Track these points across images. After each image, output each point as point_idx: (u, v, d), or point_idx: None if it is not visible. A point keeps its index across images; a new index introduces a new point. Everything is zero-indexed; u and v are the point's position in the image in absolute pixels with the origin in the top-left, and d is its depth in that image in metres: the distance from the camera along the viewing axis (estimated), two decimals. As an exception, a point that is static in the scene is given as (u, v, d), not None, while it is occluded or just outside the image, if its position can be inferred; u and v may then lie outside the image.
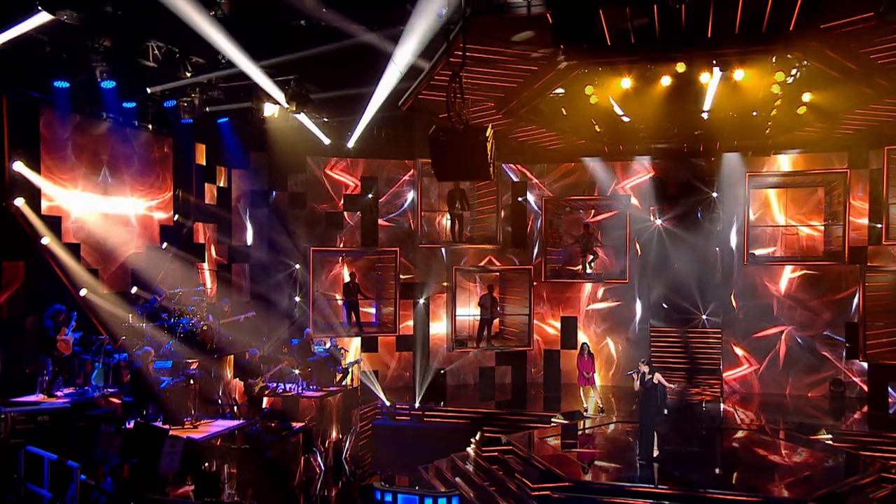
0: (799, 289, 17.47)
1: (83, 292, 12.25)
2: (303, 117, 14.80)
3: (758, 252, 17.61)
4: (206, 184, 15.84)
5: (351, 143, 16.83)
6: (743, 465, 12.22)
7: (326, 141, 16.51)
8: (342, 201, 18.18)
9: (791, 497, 10.38)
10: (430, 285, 18.52)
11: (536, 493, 10.84)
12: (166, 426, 10.22)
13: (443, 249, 18.62)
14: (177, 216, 14.90)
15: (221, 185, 16.45)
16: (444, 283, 18.52)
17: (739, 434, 14.13)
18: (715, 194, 17.66)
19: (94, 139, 13.03)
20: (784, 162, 17.47)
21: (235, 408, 12.32)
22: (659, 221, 18.31)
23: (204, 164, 15.77)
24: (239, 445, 10.76)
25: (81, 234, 12.66)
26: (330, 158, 17.90)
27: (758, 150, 17.18)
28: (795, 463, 12.53)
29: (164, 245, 14.44)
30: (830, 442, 13.34)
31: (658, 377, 11.91)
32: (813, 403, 16.51)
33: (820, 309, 17.27)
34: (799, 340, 17.42)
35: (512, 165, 18.96)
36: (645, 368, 12.00)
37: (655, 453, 11.87)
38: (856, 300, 16.66)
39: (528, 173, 19.16)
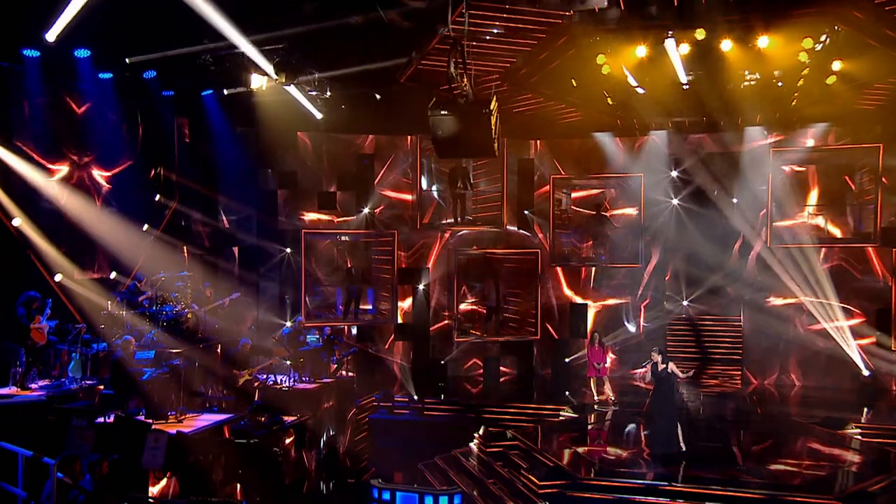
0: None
1: (58, 277, 12.21)
2: (294, 90, 14.67)
3: (782, 233, 17.48)
4: (189, 161, 15.74)
5: (343, 117, 16.70)
6: (767, 462, 12.21)
7: (319, 116, 16.39)
8: (336, 180, 18.06)
9: (818, 496, 10.36)
10: (430, 270, 18.49)
11: (544, 490, 10.84)
12: (149, 420, 10.23)
13: (444, 232, 18.54)
14: (158, 196, 14.82)
15: (206, 163, 16.35)
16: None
17: (763, 428, 14.11)
18: (736, 169, 17.51)
19: (68, 112, 12.92)
20: (811, 136, 17.33)
21: (223, 401, 12.32)
22: (675, 201, 18.23)
23: (188, 140, 15.65)
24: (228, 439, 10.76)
25: (55, 214, 12.59)
26: (323, 134, 17.78)
27: (783, 123, 17.03)
28: (822, 459, 12.51)
29: (146, 227, 14.37)
30: (860, 437, 13.31)
31: (672, 367, 11.87)
32: (841, 396, 16.49)
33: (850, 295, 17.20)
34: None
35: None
36: (658, 357, 11.95)
37: (681, 448, 11.86)
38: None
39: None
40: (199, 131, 15.89)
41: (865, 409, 15.09)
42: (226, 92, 14.70)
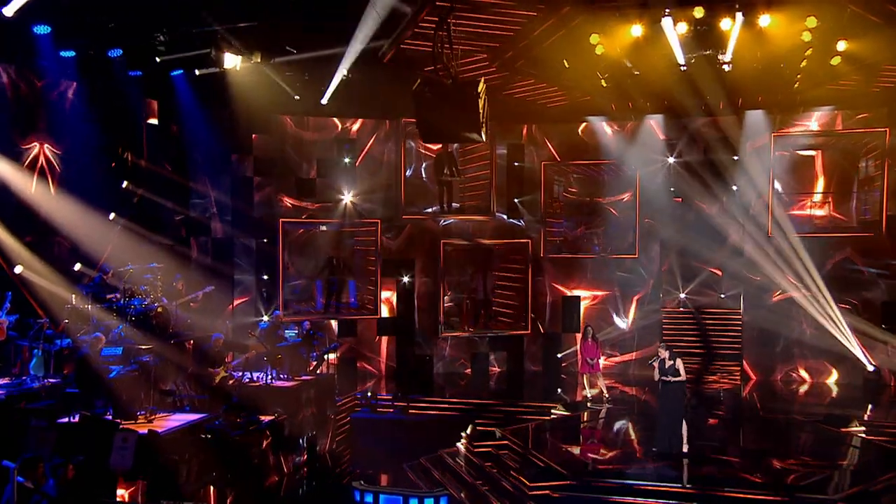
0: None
1: (18, 269, 12.07)
2: (270, 70, 14.55)
3: (783, 222, 17.58)
4: (158, 145, 15.58)
5: (325, 101, 16.62)
6: (767, 461, 12.29)
7: (297, 98, 16.28)
8: (315, 166, 17.99)
9: (819, 496, 10.45)
10: (415, 261, 18.45)
11: (534, 492, 10.84)
12: (117, 420, 10.15)
13: (429, 221, 18.55)
14: (125, 183, 14.68)
15: (177, 147, 16.18)
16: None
17: (763, 425, 14.21)
18: (736, 157, 17.59)
19: (26, 92, 12.77)
20: (815, 120, 17.42)
21: (196, 400, 12.28)
22: (671, 188, 18.30)
23: (156, 122, 15.50)
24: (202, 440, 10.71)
25: (13, 201, 12.44)
26: (302, 118, 17.67)
27: (785, 107, 17.10)
28: (824, 458, 12.62)
29: (112, 216, 14.24)
30: (863, 435, 13.45)
31: (679, 364, 11.89)
32: (845, 392, 16.64)
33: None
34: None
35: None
36: (665, 354, 11.96)
37: (684, 448, 11.93)
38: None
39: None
40: (168, 114, 15.74)
41: (870, 406, 15.24)
42: (197, 72, 14.52)
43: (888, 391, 16.49)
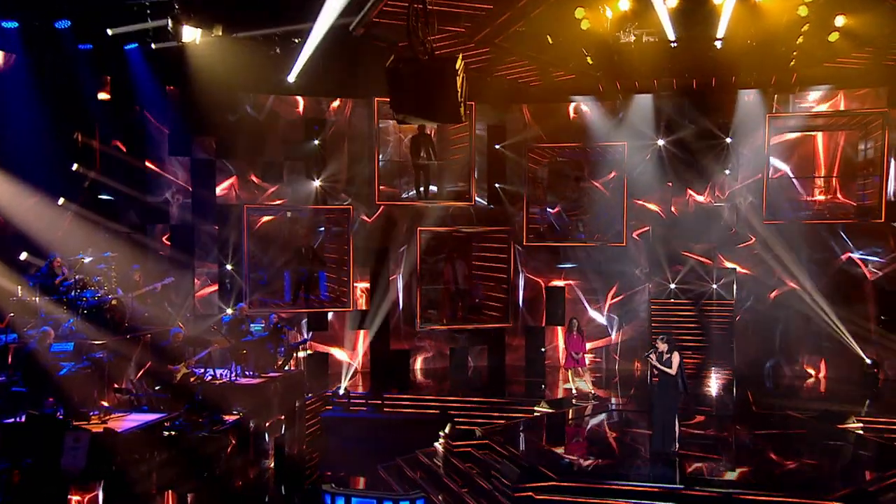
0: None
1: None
2: (232, 45, 14.38)
3: (780, 208, 17.71)
4: (111, 126, 15.37)
5: (292, 78, 16.47)
6: (760, 459, 12.40)
7: (263, 74, 16.11)
8: (282, 148, 17.85)
9: (814, 496, 10.55)
10: (389, 250, 18.39)
11: (517, 494, 10.86)
12: (69, 419, 10.04)
13: (406, 207, 18.52)
14: (76, 165, 14.47)
15: (132, 127, 15.97)
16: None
17: (755, 422, 14.33)
18: (729, 140, 17.69)
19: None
20: (812, 101, 17.52)
21: (154, 398, 12.19)
22: (661, 171, 18.35)
23: (109, 98, 15.29)
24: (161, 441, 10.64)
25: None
26: (268, 96, 17.52)
27: (781, 86, 17.19)
28: (820, 456, 12.76)
29: (61, 201, 14.03)
30: (861, 431, 13.61)
31: (676, 357, 11.93)
32: (842, 387, 16.84)
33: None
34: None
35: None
36: (663, 346, 11.99)
37: (675, 447, 11.99)
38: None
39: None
40: (122, 91, 15.53)
41: (868, 401, 15.44)
42: (154, 46, 14.33)
43: (887, 385, 16.69)
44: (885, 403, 15.40)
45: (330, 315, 18.24)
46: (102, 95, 15.26)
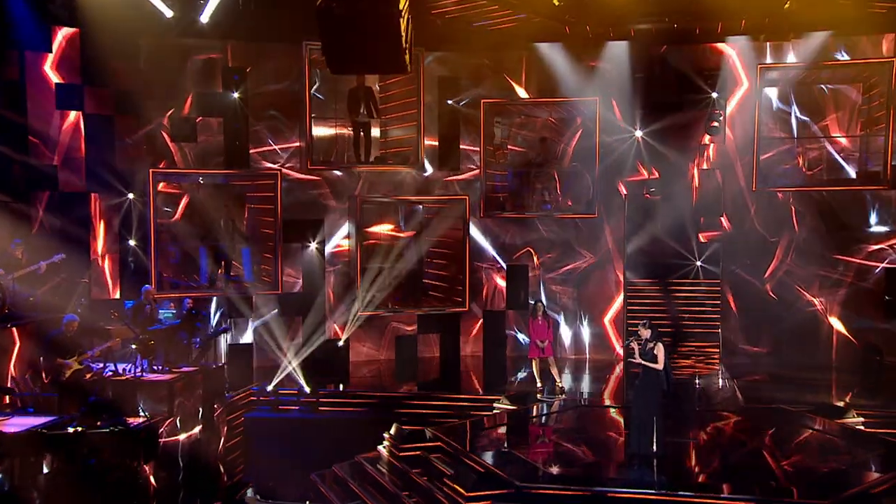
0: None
1: None
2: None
3: (770, 173, 17.95)
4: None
5: (205, 18, 16.14)
6: (752, 459, 12.59)
7: (169, 14, 15.76)
8: (194, 102, 17.60)
9: (812, 500, 10.73)
10: (324, 223, 18.26)
11: (472, 502, 10.93)
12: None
13: (343, 173, 18.44)
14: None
15: (11, 77, 15.53)
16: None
17: (747, 418, 14.54)
18: (715, 94, 17.83)
19: None
20: (808, 48, 17.68)
21: (42, 398, 11.99)
22: (639, 133, 18.47)
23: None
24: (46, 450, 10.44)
25: None
26: (176, 42, 17.18)
27: (773, 32, 17.35)
28: (817, 454, 12.97)
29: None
30: (862, 427, 13.88)
31: (659, 349, 11.97)
32: (841, 378, 17.19)
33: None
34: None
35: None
36: (646, 334, 12.04)
37: (655, 449, 12.08)
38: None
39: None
40: None
41: (866, 394, 15.81)
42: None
43: (885, 374, 17.09)
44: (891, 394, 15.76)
45: (254, 299, 18.06)
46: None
